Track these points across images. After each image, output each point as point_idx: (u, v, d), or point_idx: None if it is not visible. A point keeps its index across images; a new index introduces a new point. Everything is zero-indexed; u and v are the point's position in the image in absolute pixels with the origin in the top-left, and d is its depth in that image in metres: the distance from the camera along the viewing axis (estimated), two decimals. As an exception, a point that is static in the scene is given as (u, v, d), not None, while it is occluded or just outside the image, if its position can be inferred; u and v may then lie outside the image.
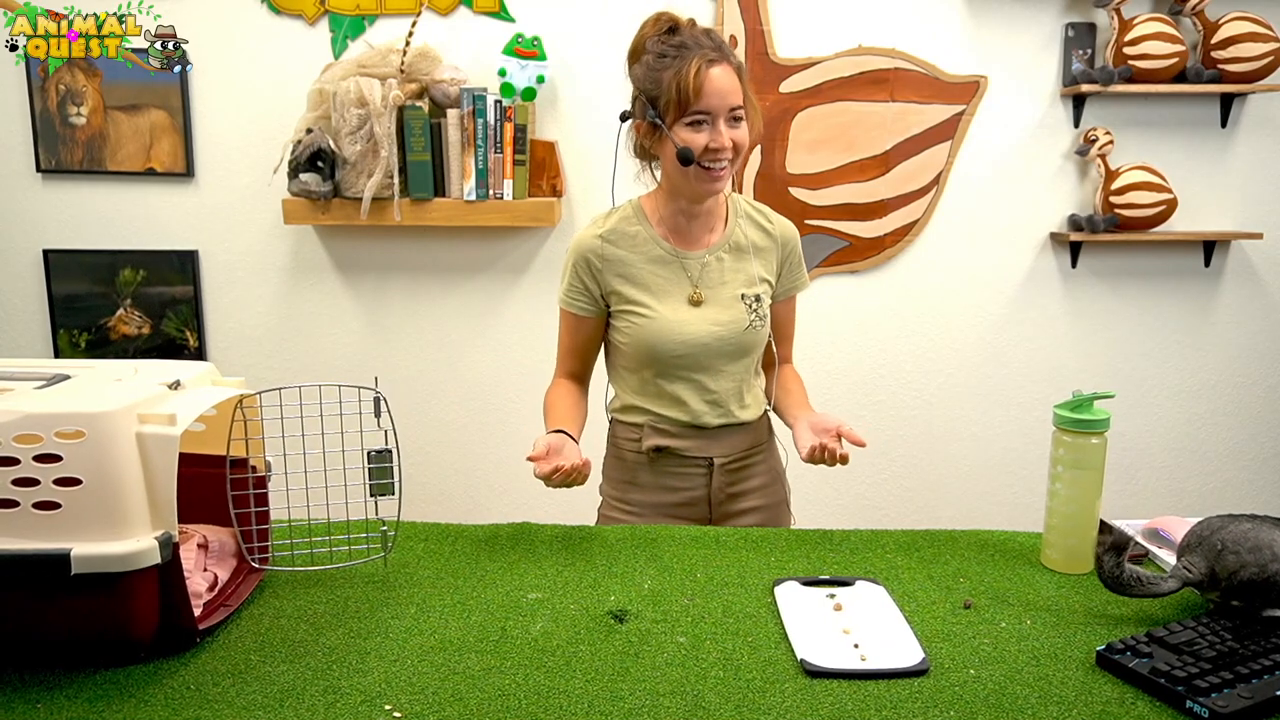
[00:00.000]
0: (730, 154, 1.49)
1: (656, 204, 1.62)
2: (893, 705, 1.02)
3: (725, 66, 1.46)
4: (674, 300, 1.58)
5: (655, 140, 1.53)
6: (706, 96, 1.45)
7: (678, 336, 1.56)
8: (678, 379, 1.60)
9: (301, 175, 2.58)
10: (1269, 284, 2.82)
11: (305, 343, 2.88)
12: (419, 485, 2.94)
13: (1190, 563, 1.20)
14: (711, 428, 1.62)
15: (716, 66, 1.45)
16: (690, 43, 1.47)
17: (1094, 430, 1.31)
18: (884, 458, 2.91)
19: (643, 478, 1.67)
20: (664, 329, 1.56)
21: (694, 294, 1.58)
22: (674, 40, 1.48)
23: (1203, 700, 0.98)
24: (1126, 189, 2.63)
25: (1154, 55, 2.56)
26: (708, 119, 1.47)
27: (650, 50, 1.50)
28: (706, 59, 1.45)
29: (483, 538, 1.48)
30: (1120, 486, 2.89)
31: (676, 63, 1.46)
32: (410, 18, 2.61)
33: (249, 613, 1.23)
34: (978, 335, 2.84)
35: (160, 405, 1.11)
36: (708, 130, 1.47)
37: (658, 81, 1.48)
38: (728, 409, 1.62)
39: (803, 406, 1.67)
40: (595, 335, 1.66)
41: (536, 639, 1.16)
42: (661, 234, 1.60)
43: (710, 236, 1.61)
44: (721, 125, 1.47)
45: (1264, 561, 1.14)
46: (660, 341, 1.57)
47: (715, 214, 1.61)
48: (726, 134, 1.47)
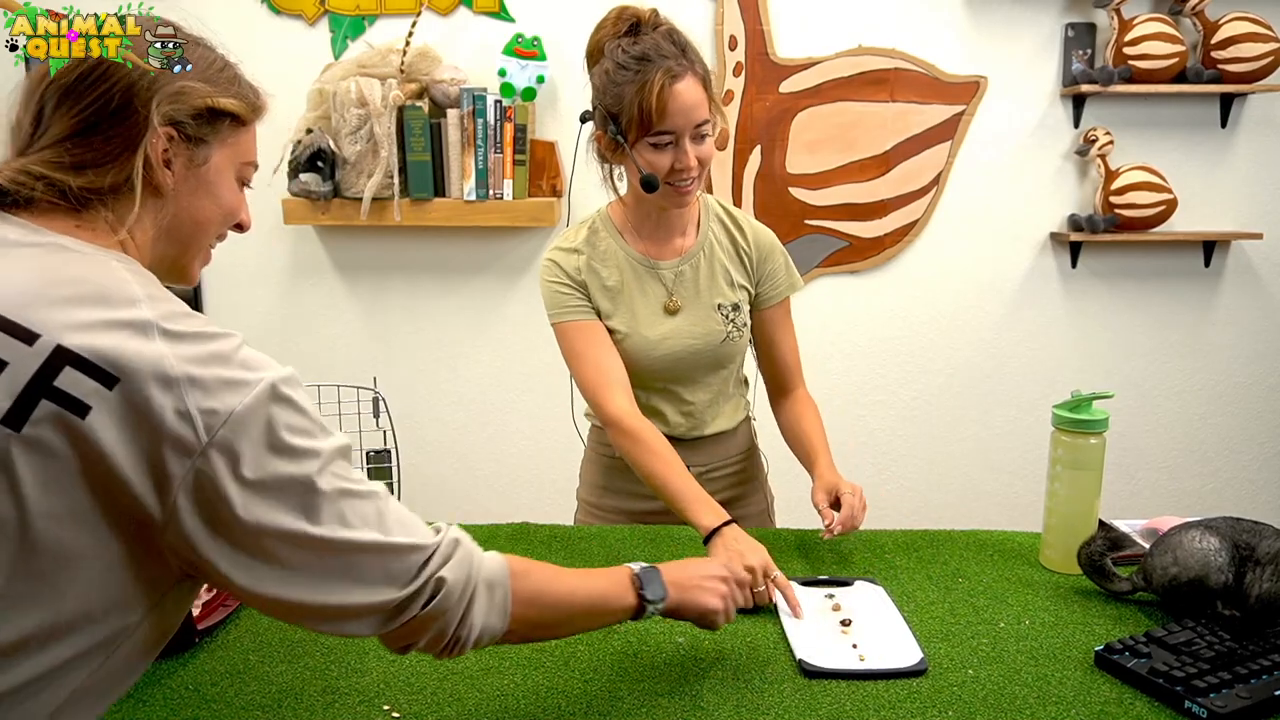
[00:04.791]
0: (697, 170, 1.40)
1: (624, 213, 1.54)
2: (891, 705, 1.02)
3: (689, 79, 1.35)
4: (650, 311, 1.51)
5: (618, 155, 1.44)
6: (671, 116, 1.34)
7: (655, 351, 1.50)
8: (654, 391, 1.56)
9: (301, 175, 2.58)
10: (1269, 284, 2.82)
11: (305, 343, 2.88)
12: (418, 485, 2.94)
13: (1142, 565, 1.24)
14: (686, 440, 1.57)
15: (680, 81, 1.34)
16: (652, 53, 1.35)
17: (1093, 430, 1.31)
18: (883, 458, 2.91)
19: (617, 483, 1.63)
20: (642, 343, 1.50)
21: (669, 302, 1.51)
22: (635, 49, 1.36)
23: (1201, 700, 0.98)
24: (1126, 189, 2.63)
25: (1154, 55, 2.56)
26: (672, 139, 1.36)
27: (609, 56, 1.39)
28: (670, 74, 1.33)
29: (482, 538, 1.47)
30: (1120, 486, 2.89)
31: (638, 78, 1.34)
32: (410, 18, 2.61)
33: (248, 613, 1.23)
34: (978, 335, 2.84)
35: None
36: (672, 151, 1.37)
37: (619, 97, 1.37)
38: (704, 420, 1.58)
39: (820, 452, 1.52)
40: (612, 344, 1.50)
41: (535, 639, 1.16)
42: (632, 243, 1.52)
43: (682, 241, 1.53)
44: (686, 144, 1.37)
45: (1190, 565, 1.17)
46: (638, 356, 1.50)
47: (686, 217, 1.52)
48: (692, 152, 1.37)
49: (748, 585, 1.16)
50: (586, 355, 1.48)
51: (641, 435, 1.41)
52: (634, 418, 1.43)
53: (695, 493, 1.35)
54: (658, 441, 1.41)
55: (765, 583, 1.22)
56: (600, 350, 1.48)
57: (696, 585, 1.07)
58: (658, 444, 1.41)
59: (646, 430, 1.42)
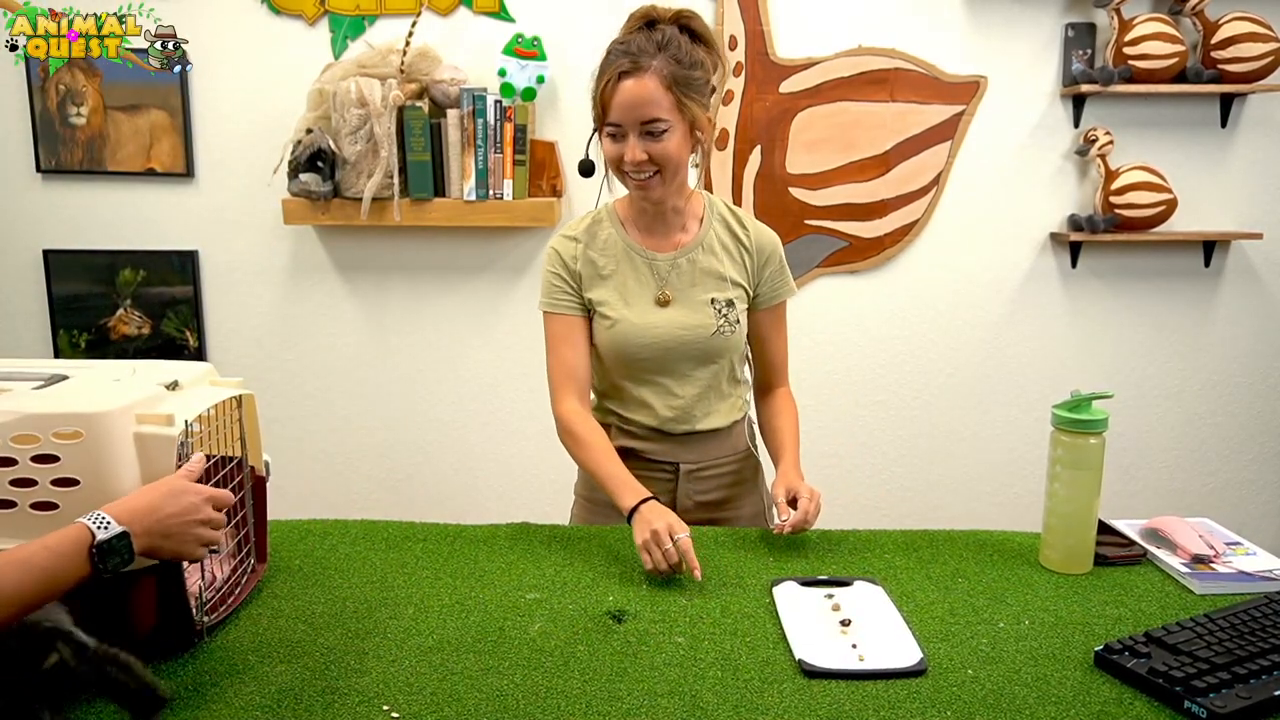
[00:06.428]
0: (651, 167, 1.46)
1: (627, 206, 1.61)
2: (891, 705, 1.02)
3: (644, 77, 1.42)
4: (642, 301, 1.56)
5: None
6: (615, 109, 1.43)
7: (643, 337, 1.54)
8: (644, 382, 1.59)
9: (301, 175, 2.58)
10: (1269, 284, 2.82)
11: (305, 343, 2.88)
12: (418, 485, 2.95)
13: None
14: (677, 435, 1.60)
15: (631, 78, 1.42)
16: (624, 47, 1.44)
17: (1092, 430, 1.31)
18: (883, 458, 2.91)
19: None
20: (630, 329, 1.54)
21: (661, 295, 1.56)
22: (619, 44, 1.46)
23: (1201, 700, 0.98)
24: (1126, 189, 2.63)
25: (1154, 55, 2.56)
26: (619, 131, 1.45)
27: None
28: (620, 70, 1.42)
29: (481, 538, 1.48)
30: (1120, 486, 2.89)
31: (602, 70, 1.45)
32: (410, 18, 2.61)
33: (248, 613, 1.23)
34: (978, 335, 2.84)
35: (158, 406, 1.11)
36: (622, 143, 1.46)
37: (593, 89, 1.48)
38: (693, 415, 1.60)
39: (787, 450, 1.59)
40: (587, 343, 1.59)
41: (535, 639, 1.16)
42: (631, 234, 1.59)
43: (682, 237, 1.58)
44: (633, 139, 1.44)
45: None
46: (626, 342, 1.55)
47: (688, 214, 1.59)
48: (638, 147, 1.44)
49: (659, 549, 1.30)
50: (559, 351, 1.58)
51: (578, 433, 1.53)
52: (577, 418, 1.54)
53: (621, 476, 1.46)
54: (592, 435, 1.53)
55: (673, 545, 1.31)
56: (572, 349, 1.57)
57: (177, 533, 1.02)
58: (591, 437, 1.52)
59: (583, 428, 1.53)
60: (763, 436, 1.69)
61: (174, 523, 1.02)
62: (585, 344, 1.59)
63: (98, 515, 0.97)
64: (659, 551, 1.31)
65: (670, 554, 1.31)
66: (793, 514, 1.42)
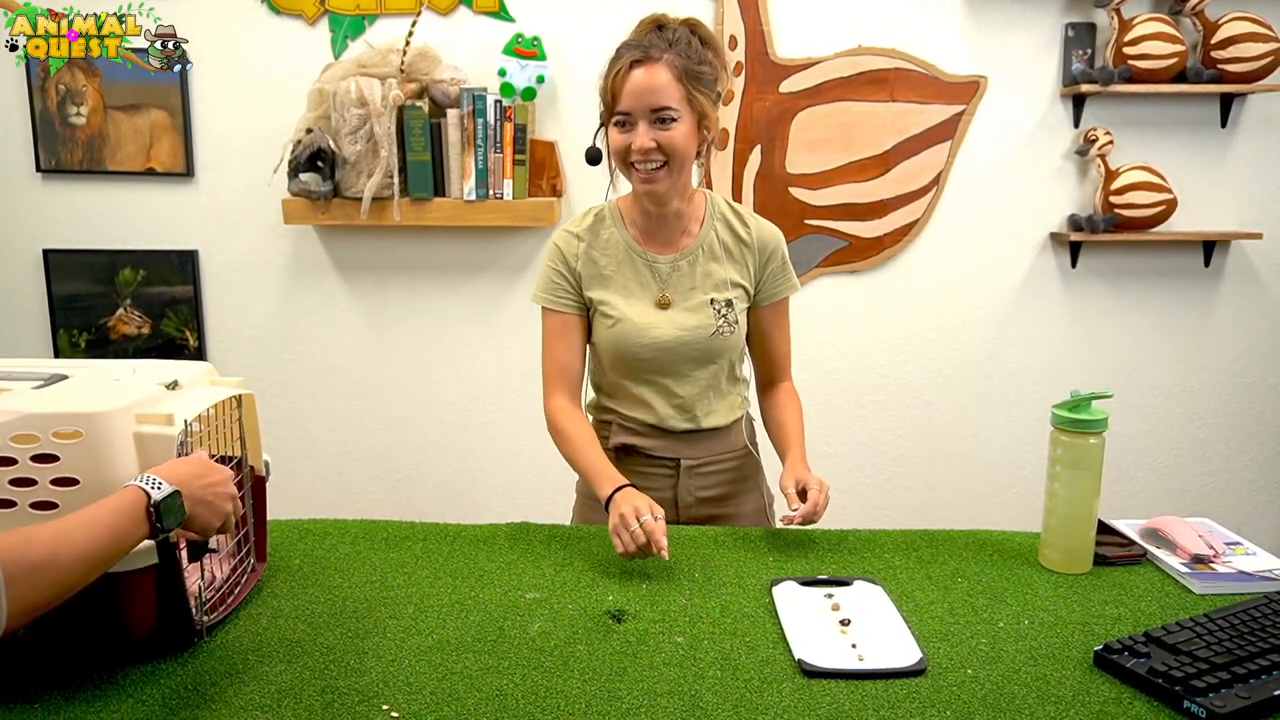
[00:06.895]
0: (659, 156, 1.46)
1: (630, 205, 1.60)
2: (890, 705, 1.02)
3: (656, 66, 1.44)
4: (642, 303, 1.57)
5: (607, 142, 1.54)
6: (625, 97, 1.45)
7: (642, 339, 1.55)
8: (644, 382, 1.59)
9: (301, 175, 2.58)
10: (1269, 284, 2.82)
11: (305, 343, 2.88)
12: (418, 485, 2.95)
13: None
14: (677, 432, 1.61)
15: (641, 67, 1.44)
16: (630, 44, 1.47)
17: (1092, 430, 1.31)
18: (883, 458, 2.91)
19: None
20: (630, 331, 1.55)
21: (662, 297, 1.57)
22: (630, 42, 1.48)
23: (1200, 700, 0.98)
24: (1126, 189, 2.63)
25: (1154, 55, 2.56)
26: (628, 120, 1.46)
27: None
28: (632, 59, 1.44)
29: (481, 538, 1.48)
30: (1120, 486, 2.89)
31: (612, 63, 1.47)
32: (410, 18, 2.61)
33: (247, 612, 1.23)
34: (978, 335, 2.84)
35: (158, 405, 1.11)
36: (631, 132, 1.46)
37: (603, 83, 1.49)
38: (694, 414, 1.60)
39: (793, 443, 1.59)
40: (582, 341, 1.61)
41: (534, 639, 1.16)
42: (633, 236, 1.59)
43: (684, 239, 1.58)
44: (642, 126, 1.45)
45: None
46: (626, 343, 1.55)
47: (689, 216, 1.59)
48: (647, 135, 1.45)
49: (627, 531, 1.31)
50: (554, 347, 1.60)
51: (562, 427, 1.56)
52: (564, 414, 1.57)
53: (599, 466, 1.48)
54: (574, 429, 1.55)
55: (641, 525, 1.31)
56: (566, 346, 1.59)
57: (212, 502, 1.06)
58: (573, 430, 1.55)
59: (567, 422, 1.56)
60: (768, 431, 1.68)
61: (210, 492, 1.06)
62: (580, 342, 1.61)
63: (148, 477, 1.00)
64: (627, 534, 1.32)
65: (638, 535, 1.31)
66: (802, 505, 1.43)
